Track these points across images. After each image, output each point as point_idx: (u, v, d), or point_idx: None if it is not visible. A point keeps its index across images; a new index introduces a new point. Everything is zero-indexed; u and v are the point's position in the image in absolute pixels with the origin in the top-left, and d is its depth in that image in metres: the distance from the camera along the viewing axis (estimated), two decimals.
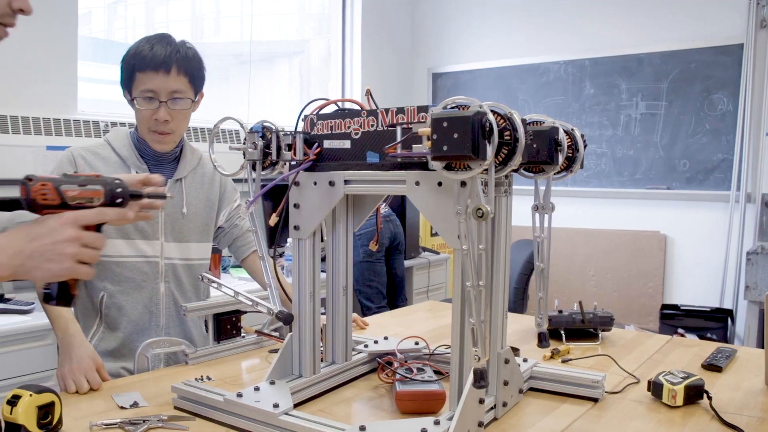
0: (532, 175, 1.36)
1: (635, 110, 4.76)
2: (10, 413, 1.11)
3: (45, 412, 1.15)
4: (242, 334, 1.76)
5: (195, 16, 4.71)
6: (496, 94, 5.29)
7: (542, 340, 1.68)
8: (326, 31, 5.53)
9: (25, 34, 3.29)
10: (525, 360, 1.50)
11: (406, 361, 1.50)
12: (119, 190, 1.13)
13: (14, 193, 3.34)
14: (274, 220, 1.26)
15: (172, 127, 1.77)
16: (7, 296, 2.92)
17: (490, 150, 1.01)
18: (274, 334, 1.74)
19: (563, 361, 1.69)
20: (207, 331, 1.73)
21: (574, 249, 4.94)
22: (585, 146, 1.41)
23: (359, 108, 1.29)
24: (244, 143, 1.34)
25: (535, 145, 1.27)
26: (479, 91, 5.36)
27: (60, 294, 1.10)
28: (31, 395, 1.14)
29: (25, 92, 3.37)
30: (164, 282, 1.82)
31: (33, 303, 2.83)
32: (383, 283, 3.95)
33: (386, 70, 5.62)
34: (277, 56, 5.29)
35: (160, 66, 1.71)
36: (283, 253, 3.67)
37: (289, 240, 3.69)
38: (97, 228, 1.11)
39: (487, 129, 1.00)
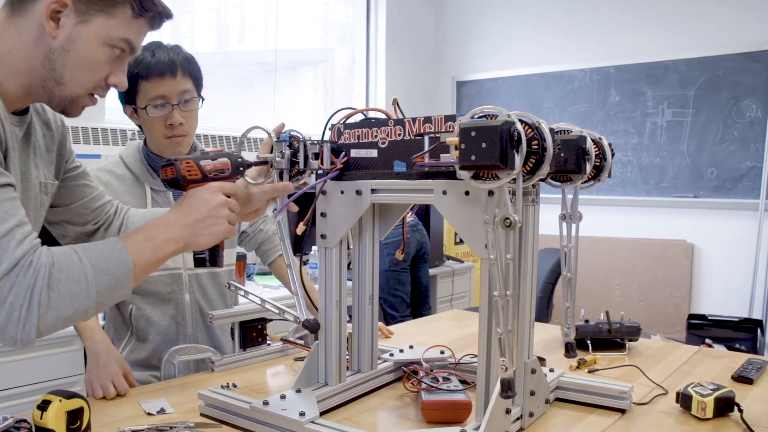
0: (559, 184, 1.35)
1: (661, 118, 4.72)
2: (41, 418, 1.13)
3: (74, 417, 1.16)
4: (268, 342, 1.77)
5: (220, 25, 4.76)
6: (520, 102, 5.27)
7: (569, 350, 1.67)
8: (350, 40, 5.55)
9: None
10: (551, 370, 1.48)
11: (431, 370, 1.49)
12: (239, 160, 1.28)
13: None
14: (301, 228, 1.27)
15: (186, 129, 1.78)
16: None
17: (518, 159, 1.01)
18: (299, 341, 1.74)
19: (590, 371, 1.68)
20: (233, 339, 1.74)
21: (599, 258, 4.90)
22: (612, 155, 1.40)
23: (386, 117, 1.29)
24: (272, 152, 1.35)
25: (562, 154, 1.26)
26: (504, 100, 5.35)
27: (212, 257, 1.25)
28: (60, 400, 1.16)
29: None
30: (189, 292, 1.83)
31: None
32: (407, 292, 3.95)
33: (410, 78, 5.63)
34: (302, 65, 5.33)
35: (167, 70, 1.71)
36: (308, 261, 3.67)
37: (314, 248, 3.71)
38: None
39: (516, 138, 1.00)
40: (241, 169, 1.29)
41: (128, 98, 1.75)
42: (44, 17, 1.07)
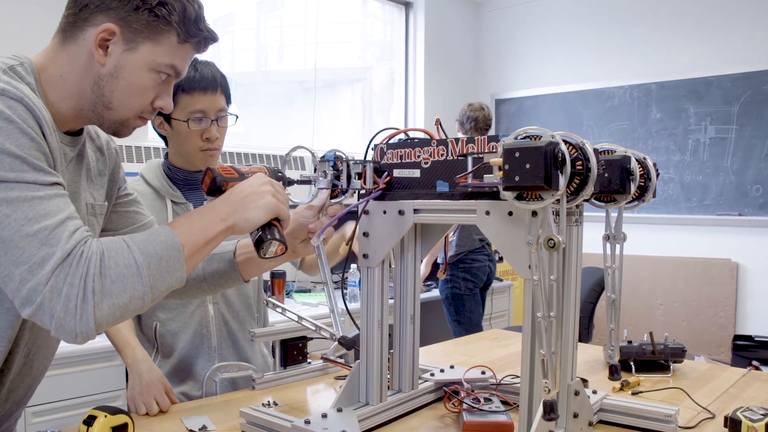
0: (603, 204, 1.34)
1: (704, 135, 4.64)
2: None
3: None
4: (308, 360, 1.78)
5: (259, 44, 4.84)
6: (559, 119, 5.24)
7: (613, 372, 1.64)
8: (388, 58, 5.59)
9: None
10: (594, 392, 1.46)
11: (472, 391, 1.48)
12: (279, 174, 1.29)
13: None
14: (344, 249, 1.27)
15: (219, 143, 1.82)
16: None
17: (562, 180, 1.00)
18: (339, 360, 1.75)
19: (633, 394, 1.65)
20: (274, 357, 1.75)
21: (641, 277, 4.82)
22: (657, 175, 1.38)
23: (429, 137, 1.29)
24: (315, 171, 1.36)
25: (606, 175, 1.25)
26: (543, 117, 5.33)
27: (272, 234, 1.18)
28: (106, 416, 1.18)
29: None
30: (213, 304, 1.84)
31: None
32: (481, 314, 4.01)
33: (449, 96, 5.64)
34: (340, 83, 5.38)
35: (209, 86, 1.74)
36: (347, 278, 3.69)
37: (353, 266, 3.72)
38: None
39: (560, 159, 1.00)
40: (279, 174, 1.29)
41: None
42: (93, 45, 1.11)
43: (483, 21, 5.90)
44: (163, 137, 1.86)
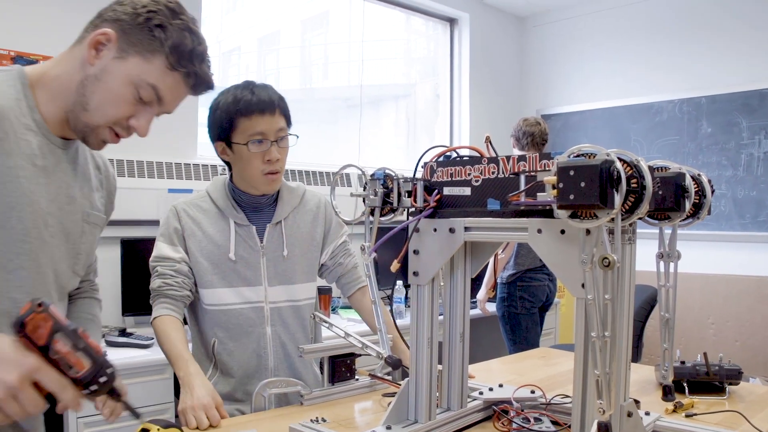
0: (656, 222, 1.32)
1: (758, 149, 4.53)
2: None
3: None
4: (356, 377, 1.78)
5: (304, 62, 4.90)
6: (606, 134, 5.17)
7: (667, 393, 1.62)
8: (432, 74, 5.61)
9: None
10: (647, 413, 1.43)
11: (522, 410, 1.47)
12: (102, 379, 1.01)
13: (140, 232, 3.53)
14: (395, 266, 1.28)
15: (281, 165, 1.82)
16: (128, 330, 3.08)
17: (617, 198, 0.99)
18: (387, 377, 1.75)
19: (687, 416, 1.61)
20: (322, 373, 1.76)
21: (692, 295, 4.71)
22: (713, 192, 1.36)
23: (479, 155, 1.29)
24: (365, 190, 1.37)
25: (660, 192, 1.23)
26: (589, 132, 5.26)
27: None
28: (158, 429, 1.20)
29: (151, 139, 3.56)
30: (270, 326, 1.86)
31: (152, 338, 2.97)
32: (539, 333, 3.95)
33: (494, 112, 5.62)
34: (384, 99, 5.41)
35: (267, 108, 1.76)
36: (392, 295, 3.70)
37: (398, 282, 3.72)
38: (48, 396, 0.99)
39: (615, 177, 0.99)
40: (93, 388, 1.00)
41: (222, 135, 1.80)
42: (88, 45, 1.17)
43: (528, 36, 5.88)
44: (227, 163, 1.88)
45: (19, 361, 0.95)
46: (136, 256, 3.24)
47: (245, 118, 1.75)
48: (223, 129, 1.79)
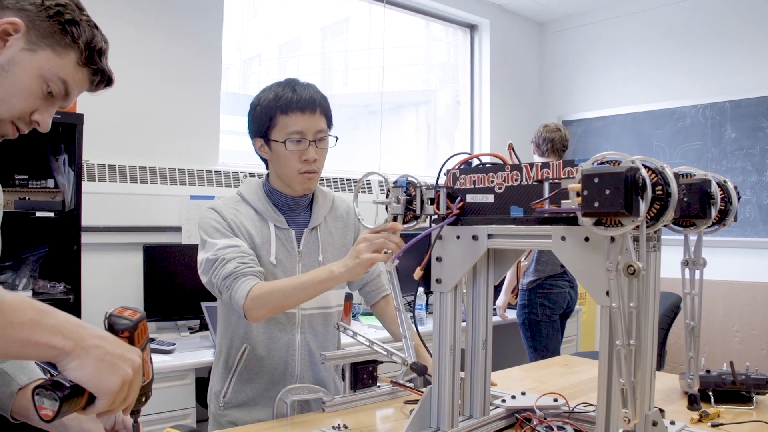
0: (681, 229, 1.31)
1: None
2: None
3: None
4: (378, 384, 1.77)
5: (325, 69, 4.92)
6: (629, 140, 5.13)
7: (693, 402, 1.60)
8: (452, 81, 5.60)
9: (174, 93, 3.55)
10: (672, 422, 1.42)
11: (545, 419, 1.46)
12: (151, 392, 1.07)
13: (162, 239, 3.54)
14: (418, 274, 1.28)
15: (318, 165, 1.80)
16: (150, 336, 3.09)
17: (642, 206, 0.99)
18: (409, 384, 1.74)
19: (713, 426, 1.59)
20: (344, 380, 1.76)
21: (716, 302, 4.65)
22: (739, 198, 1.34)
23: (501, 162, 1.29)
24: (387, 197, 1.37)
25: (686, 199, 1.22)
26: (612, 138, 5.23)
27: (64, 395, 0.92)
28: None
29: (173, 146, 3.61)
30: (300, 333, 1.83)
31: (174, 344, 2.99)
32: (560, 341, 3.92)
33: (515, 118, 5.60)
34: (404, 106, 5.42)
35: (307, 107, 1.74)
36: (414, 302, 3.69)
37: (420, 289, 3.72)
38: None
39: (641, 185, 0.98)
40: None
41: (260, 131, 1.78)
42: None
43: (548, 42, 5.86)
44: (265, 160, 1.86)
45: (135, 351, 1.00)
46: (158, 262, 3.27)
47: (284, 115, 1.73)
48: (262, 125, 1.77)
